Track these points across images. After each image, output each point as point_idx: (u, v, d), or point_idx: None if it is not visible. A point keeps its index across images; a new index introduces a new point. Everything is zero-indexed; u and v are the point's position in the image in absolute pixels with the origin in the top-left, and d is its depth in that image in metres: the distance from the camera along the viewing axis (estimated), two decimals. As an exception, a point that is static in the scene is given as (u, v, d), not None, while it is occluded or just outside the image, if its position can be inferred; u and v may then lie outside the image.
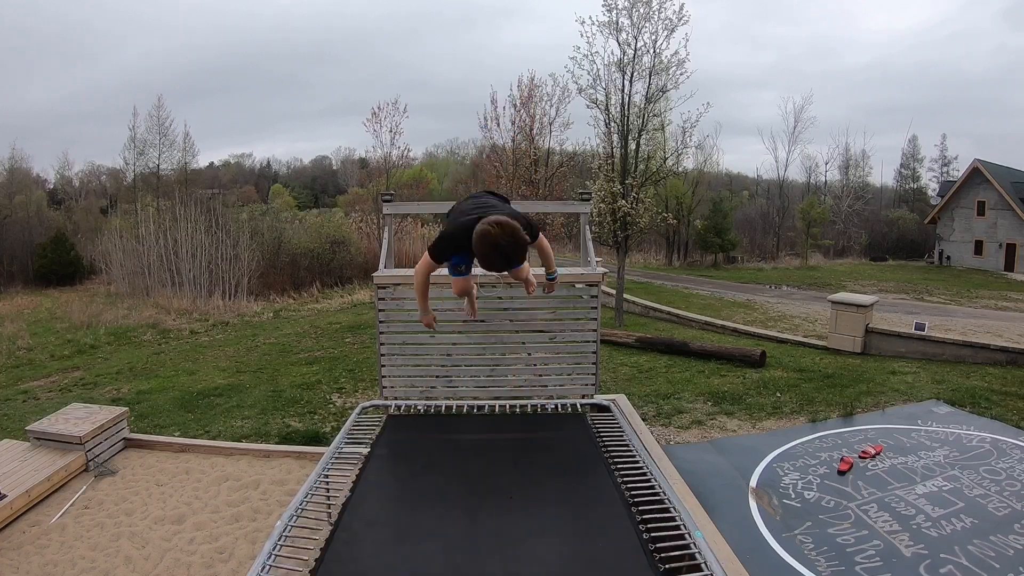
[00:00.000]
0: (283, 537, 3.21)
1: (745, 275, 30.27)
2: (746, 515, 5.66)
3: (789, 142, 41.67)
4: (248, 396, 10.37)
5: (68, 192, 49.71)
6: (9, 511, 5.27)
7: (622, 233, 16.27)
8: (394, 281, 5.71)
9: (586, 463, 4.40)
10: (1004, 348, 10.92)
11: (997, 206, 33.45)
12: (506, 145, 23.68)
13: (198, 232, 25.37)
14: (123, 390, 11.44)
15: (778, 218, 40.79)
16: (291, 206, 54.10)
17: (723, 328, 15.32)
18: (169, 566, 4.65)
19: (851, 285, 25.26)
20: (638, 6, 15.08)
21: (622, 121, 16.02)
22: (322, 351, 14.21)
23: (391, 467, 4.31)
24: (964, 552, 4.91)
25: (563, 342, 5.75)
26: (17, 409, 10.49)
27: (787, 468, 6.58)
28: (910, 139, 50.69)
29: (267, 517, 5.34)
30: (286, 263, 29.28)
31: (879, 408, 8.45)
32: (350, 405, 9.48)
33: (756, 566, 4.44)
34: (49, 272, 32.53)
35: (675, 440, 7.62)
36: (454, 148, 70.28)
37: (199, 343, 16.72)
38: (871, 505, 5.72)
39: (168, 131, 38.91)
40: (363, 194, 38.33)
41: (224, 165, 66.82)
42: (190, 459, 6.60)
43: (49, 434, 6.30)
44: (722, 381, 10.12)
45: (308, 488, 3.75)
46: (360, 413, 5.12)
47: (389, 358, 5.73)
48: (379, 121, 28.79)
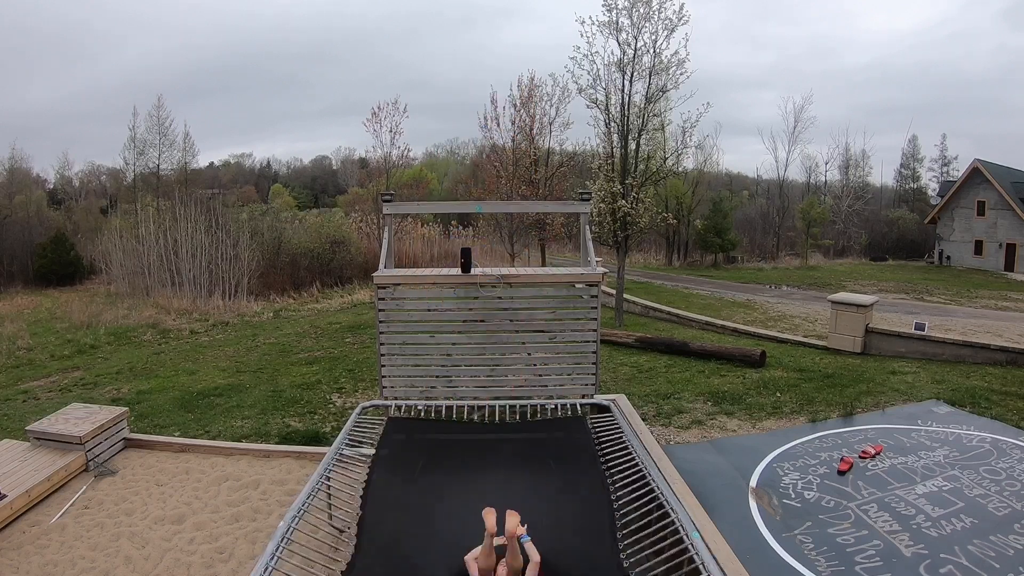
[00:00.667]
0: (285, 539, 3.22)
1: (745, 275, 30.26)
2: (746, 515, 5.66)
3: (789, 142, 41.60)
4: (248, 396, 10.37)
5: (68, 192, 49.67)
6: (9, 511, 5.28)
7: (622, 233, 16.26)
8: (394, 281, 5.72)
9: (586, 463, 4.40)
10: (1004, 348, 10.92)
11: (997, 206, 33.43)
12: (506, 145, 23.65)
13: (198, 232, 25.36)
14: (123, 390, 11.44)
15: (778, 218, 40.75)
16: (291, 206, 54.08)
17: (723, 328, 15.32)
18: (169, 566, 4.65)
19: (851, 285, 25.26)
20: (638, 6, 15.07)
21: (622, 121, 16.01)
22: (322, 351, 14.21)
23: (392, 470, 4.31)
24: (964, 552, 4.91)
25: (563, 342, 5.75)
26: (17, 409, 10.48)
27: (787, 468, 6.58)
28: (910, 139, 50.62)
29: (267, 517, 5.34)
30: (286, 263, 29.26)
31: (879, 408, 8.45)
32: (350, 405, 9.47)
33: (756, 566, 4.44)
34: (49, 272, 32.51)
35: (675, 440, 7.62)
36: (454, 148, 70.28)
37: (199, 343, 16.72)
38: (871, 505, 5.72)
39: (168, 131, 38.89)
40: (363, 194, 38.28)
41: (224, 165, 66.81)
42: (190, 459, 6.60)
43: (49, 434, 6.31)
44: (722, 381, 10.12)
45: (310, 489, 3.75)
46: (360, 413, 5.12)
47: (389, 358, 5.73)
48: (379, 121, 28.70)
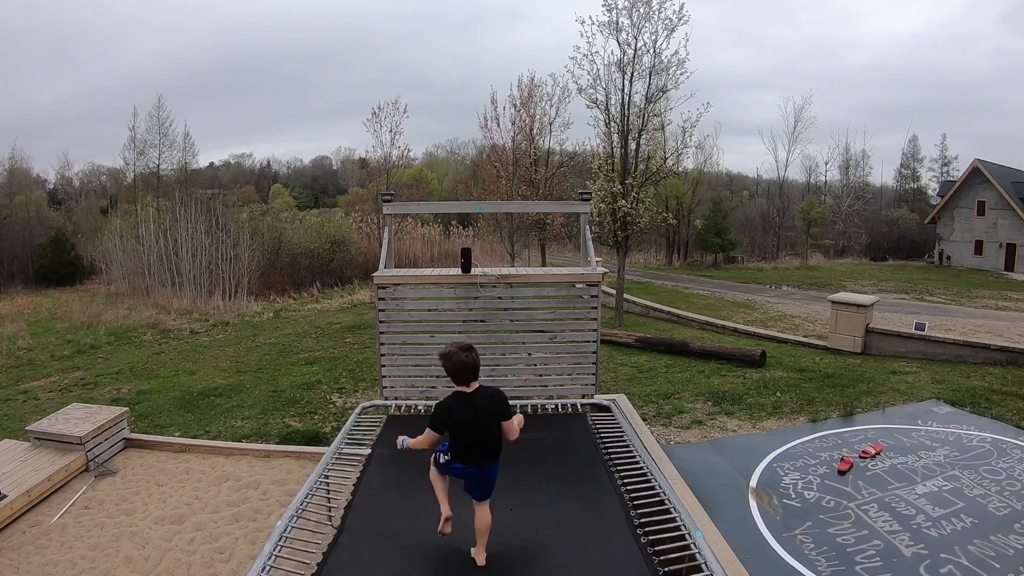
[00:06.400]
0: (284, 538, 3.21)
1: (745, 275, 30.26)
2: (746, 515, 5.66)
3: (789, 142, 41.65)
4: (248, 396, 10.37)
5: (68, 192, 49.68)
6: (9, 511, 5.28)
7: (622, 233, 16.26)
8: (394, 281, 5.72)
9: (586, 463, 4.40)
10: (1004, 348, 10.92)
11: (997, 206, 33.43)
12: (506, 145, 23.66)
13: (198, 232, 25.37)
14: (123, 390, 11.44)
15: (778, 218, 40.76)
16: (291, 206, 54.07)
17: (723, 328, 15.32)
18: (169, 566, 4.65)
19: (851, 285, 25.25)
20: (638, 6, 15.08)
21: (622, 121, 16.02)
22: (322, 351, 14.21)
23: (391, 469, 4.30)
24: (964, 552, 4.91)
25: (563, 342, 5.75)
26: (17, 409, 10.49)
27: (787, 468, 6.58)
28: (910, 139, 50.66)
29: (267, 517, 5.34)
30: (286, 263, 29.27)
31: (879, 408, 8.44)
32: (350, 405, 9.47)
33: (756, 566, 4.44)
34: (49, 272, 32.51)
35: (675, 440, 7.62)
36: (454, 148, 70.33)
37: (199, 343, 16.72)
38: (871, 505, 5.72)
39: (168, 131, 38.96)
40: (363, 194, 38.27)
41: (224, 165, 66.89)
42: (190, 459, 6.60)
43: (49, 434, 6.31)
44: (722, 381, 10.11)
45: (308, 488, 3.75)
46: (360, 413, 5.12)
47: (389, 358, 5.73)
48: (379, 121, 28.70)
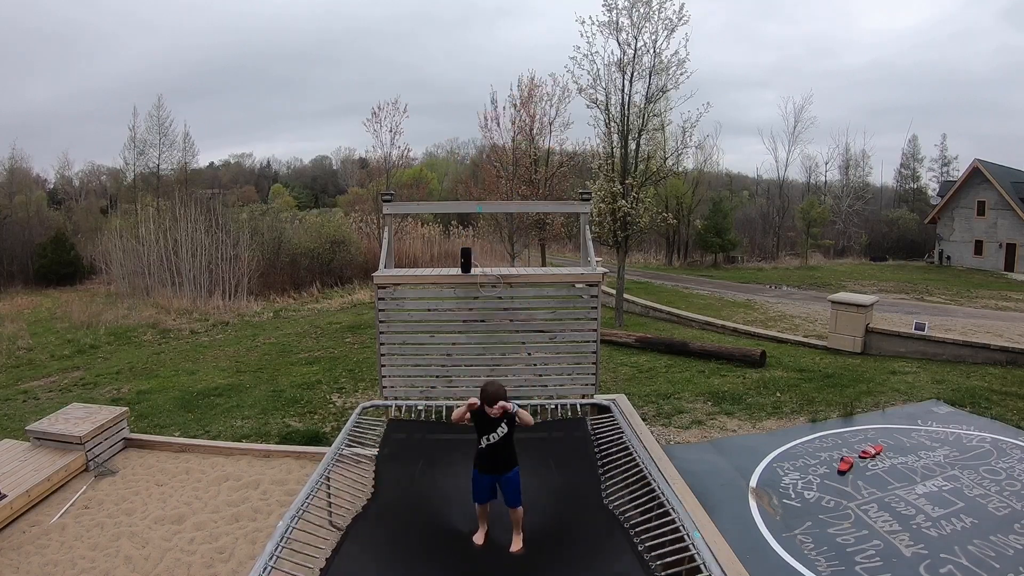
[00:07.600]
0: (285, 538, 3.21)
1: (745, 275, 30.25)
2: (746, 515, 5.66)
3: (789, 142, 41.64)
4: (248, 396, 10.37)
5: (68, 192, 49.67)
6: (9, 511, 5.27)
7: (622, 233, 16.26)
8: (394, 281, 5.71)
9: (586, 463, 4.40)
10: (1004, 348, 10.92)
11: (997, 206, 33.42)
12: (506, 145, 23.65)
13: (198, 232, 25.36)
14: (123, 390, 11.44)
15: (778, 218, 40.76)
16: (291, 206, 54.08)
17: (723, 328, 15.31)
18: (169, 566, 4.65)
19: (851, 285, 25.25)
20: (638, 6, 15.08)
21: (622, 121, 16.01)
22: (322, 351, 14.21)
23: (392, 470, 4.30)
24: (964, 552, 4.91)
25: (563, 342, 5.75)
26: (17, 409, 10.48)
27: (787, 468, 6.58)
28: (910, 139, 50.62)
29: (267, 517, 5.34)
30: (286, 263, 29.26)
31: (879, 408, 8.44)
32: (350, 405, 9.47)
33: (756, 566, 4.43)
34: (49, 272, 32.50)
35: (675, 440, 7.62)
36: (454, 148, 70.35)
37: (199, 343, 16.72)
38: (871, 505, 5.72)
39: (168, 131, 38.92)
40: (363, 194, 38.26)
41: (224, 165, 66.85)
42: (190, 459, 6.60)
43: (49, 434, 6.30)
44: (722, 381, 10.11)
45: (310, 489, 3.75)
46: (360, 413, 5.11)
47: (389, 358, 5.72)
48: (379, 121, 28.67)
